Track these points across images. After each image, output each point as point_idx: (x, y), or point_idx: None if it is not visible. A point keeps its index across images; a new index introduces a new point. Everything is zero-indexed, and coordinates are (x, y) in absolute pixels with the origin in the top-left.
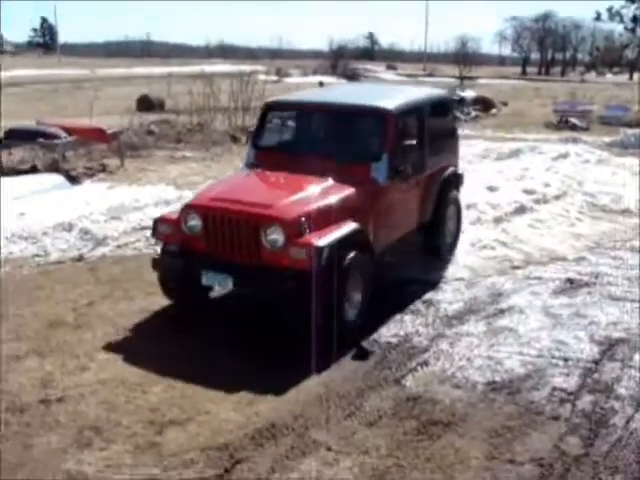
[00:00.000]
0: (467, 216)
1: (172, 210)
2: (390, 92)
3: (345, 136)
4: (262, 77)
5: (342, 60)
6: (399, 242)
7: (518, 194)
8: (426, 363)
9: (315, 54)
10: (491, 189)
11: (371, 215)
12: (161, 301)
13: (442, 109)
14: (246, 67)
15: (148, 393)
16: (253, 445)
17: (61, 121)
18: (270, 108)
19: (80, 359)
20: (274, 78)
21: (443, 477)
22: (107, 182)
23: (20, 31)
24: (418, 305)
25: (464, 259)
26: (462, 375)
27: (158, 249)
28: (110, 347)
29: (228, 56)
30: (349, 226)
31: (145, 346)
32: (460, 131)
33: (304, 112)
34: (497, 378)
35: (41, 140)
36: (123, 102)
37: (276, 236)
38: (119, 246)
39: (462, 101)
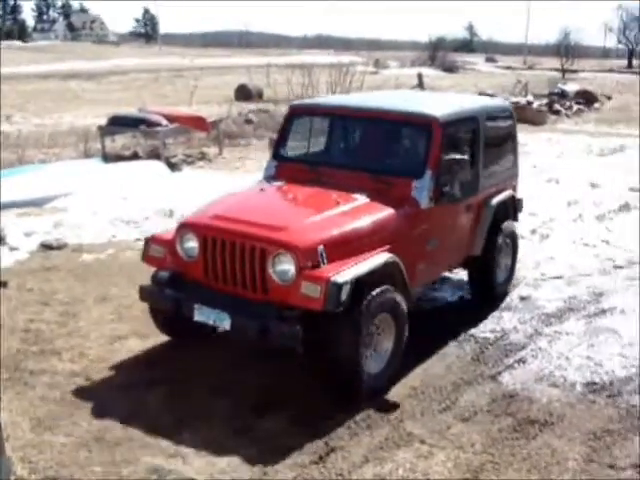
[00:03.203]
0: (569, 213)
1: (168, 228)
2: (440, 99)
3: (382, 147)
4: (360, 68)
5: (440, 52)
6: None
7: (622, 191)
8: (523, 360)
9: (413, 45)
10: (594, 185)
11: (408, 244)
12: None
13: (501, 121)
14: (344, 58)
15: (250, 373)
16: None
17: (162, 109)
18: (295, 113)
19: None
20: (372, 69)
21: (539, 477)
22: (206, 170)
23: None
24: (516, 302)
25: (564, 257)
26: (560, 374)
27: None
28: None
29: (326, 47)
30: (380, 257)
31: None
32: (561, 125)
33: (334, 118)
34: (597, 379)
35: (143, 127)
36: (222, 91)
37: (286, 266)
38: None
39: (564, 94)
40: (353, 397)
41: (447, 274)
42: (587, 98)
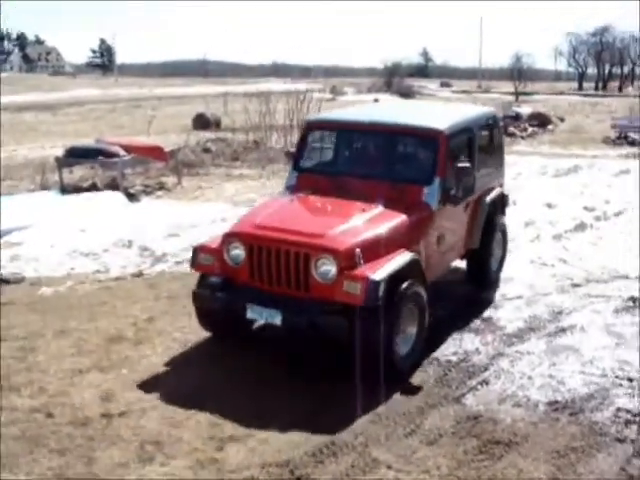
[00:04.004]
0: (526, 233)
1: (213, 238)
2: (439, 111)
3: (394, 158)
4: (317, 95)
5: (396, 77)
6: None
7: (578, 211)
8: (486, 382)
9: (369, 72)
10: (550, 206)
11: (424, 243)
12: None
13: (490, 127)
14: (301, 85)
15: (206, 409)
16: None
17: (120, 139)
18: (312, 127)
19: (140, 374)
20: (329, 96)
21: None
22: (165, 199)
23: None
24: (477, 323)
25: (523, 277)
26: (523, 394)
27: None
28: (170, 362)
29: (283, 75)
30: (405, 256)
31: (204, 362)
32: (517, 147)
33: (348, 131)
34: (559, 397)
35: (101, 158)
36: (180, 120)
37: (328, 268)
38: (178, 262)
39: (518, 117)
40: (387, 377)
41: None
42: (541, 120)
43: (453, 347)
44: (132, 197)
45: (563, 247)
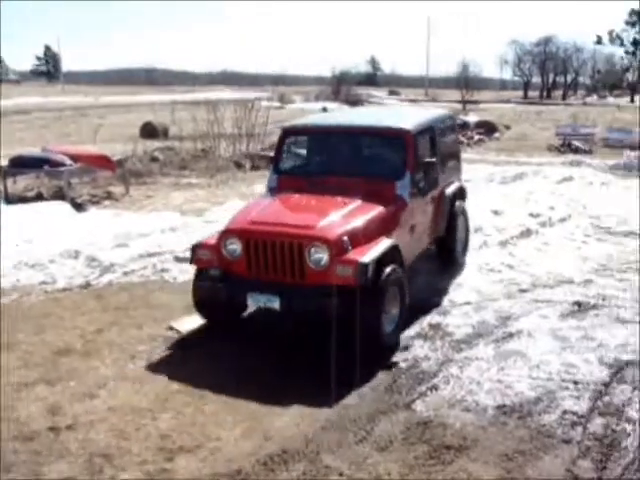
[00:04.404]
0: (473, 240)
1: (208, 236)
2: (404, 113)
3: (367, 157)
4: (265, 104)
5: (344, 86)
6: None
7: (524, 217)
8: (436, 387)
9: (318, 80)
10: (496, 213)
11: (399, 231)
12: (168, 327)
13: (448, 127)
14: (249, 94)
15: (158, 420)
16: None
17: (66, 148)
18: (288, 133)
19: (89, 386)
20: (277, 104)
21: None
22: (112, 209)
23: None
24: (426, 330)
25: (471, 283)
26: (472, 399)
27: (165, 276)
28: (118, 374)
29: (231, 83)
30: (386, 242)
31: (153, 373)
32: (464, 155)
33: (323, 135)
34: (507, 402)
35: (46, 167)
36: (127, 129)
37: (321, 255)
38: (126, 273)
39: (465, 125)
40: (375, 352)
41: None
42: (487, 128)
43: (402, 354)
44: (79, 207)
45: (510, 253)
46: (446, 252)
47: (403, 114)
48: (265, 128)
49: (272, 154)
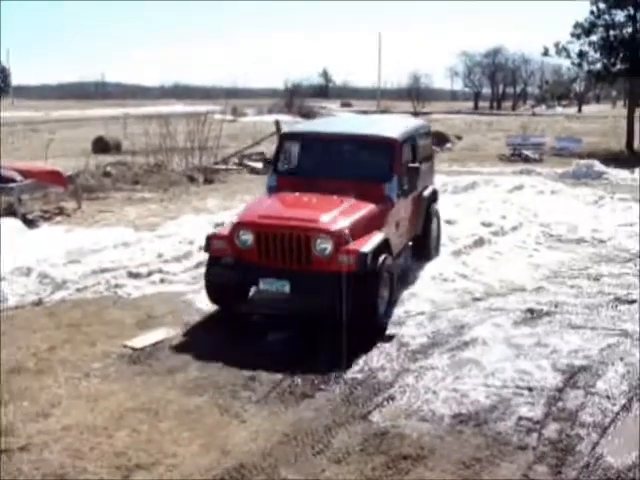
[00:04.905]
0: None
1: (221, 228)
2: (389, 122)
3: (358, 161)
4: (218, 117)
5: (297, 98)
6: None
7: (476, 227)
8: (392, 398)
9: (270, 93)
10: (449, 222)
11: (388, 226)
12: (122, 344)
13: (425, 135)
14: (202, 107)
15: (113, 438)
16: None
17: (17, 164)
18: (286, 138)
19: (42, 406)
20: (230, 118)
21: None
22: (65, 225)
23: None
24: (382, 340)
25: (425, 293)
26: (428, 408)
27: (119, 291)
28: (72, 393)
29: (183, 96)
30: (379, 235)
31: (108, 390)
32: None
33: (318, 141)
34: (463, 410)
35: None
36: (79, 144)
37: (326, 245)
38: (79, 289)
39: None
40: (372, 329)
41: None
42: (439, 139)
43: (358, 365)
44: (30, 223)
45: (463, 262)
46: (422, 248)
47: (390, 123)
48: (218, 141)
49: (225, 167)
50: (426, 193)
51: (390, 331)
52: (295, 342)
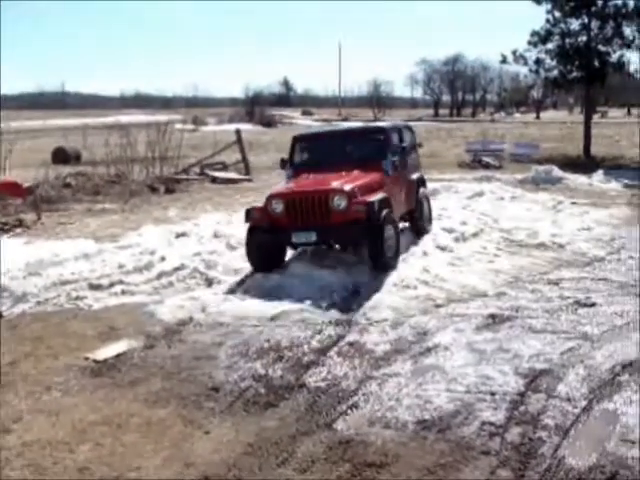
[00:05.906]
0: None
1: (256, 204)
2: (377, 122)
3: (359, 147)
4: (179, 126)
5: (258, 107)
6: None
7: (437, 233)
8: (356, 406)
9: (231, 101)
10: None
11: (388, 190)
12: (84, 356)
13: (409, 132)
14: (162, 117)
15: (76, 452)
16: None
17: None
18: (297, 140)
19: (3, 421)
20: (191, 127)
21: None
22: (24, 237)
23: None
24: (345, 348)
25: (387, 300)
26: (392, 415)
27: (80, 304)
28: (34, 407)
29: (144, 106)
30: (381, 194)
31: (70, 404)
32: None
33: (326, 138)
34: (427, 416)
35: None
36: (38, 155)
37: (341, 201)
38: (39, 302)
39: None
40: (382, 268)
41: None
42: None
43: (321, 373)
44: None
45: (424, 269)
46: (415, 224)
47: (380, 122)
48: (179, 151)
49: (186, 177)
50: (414, 177)
51: (351, 339)
52: None
